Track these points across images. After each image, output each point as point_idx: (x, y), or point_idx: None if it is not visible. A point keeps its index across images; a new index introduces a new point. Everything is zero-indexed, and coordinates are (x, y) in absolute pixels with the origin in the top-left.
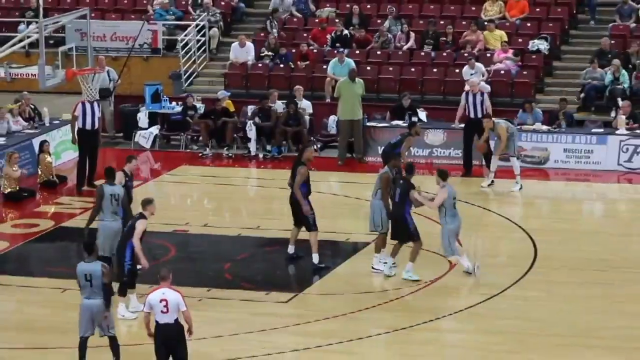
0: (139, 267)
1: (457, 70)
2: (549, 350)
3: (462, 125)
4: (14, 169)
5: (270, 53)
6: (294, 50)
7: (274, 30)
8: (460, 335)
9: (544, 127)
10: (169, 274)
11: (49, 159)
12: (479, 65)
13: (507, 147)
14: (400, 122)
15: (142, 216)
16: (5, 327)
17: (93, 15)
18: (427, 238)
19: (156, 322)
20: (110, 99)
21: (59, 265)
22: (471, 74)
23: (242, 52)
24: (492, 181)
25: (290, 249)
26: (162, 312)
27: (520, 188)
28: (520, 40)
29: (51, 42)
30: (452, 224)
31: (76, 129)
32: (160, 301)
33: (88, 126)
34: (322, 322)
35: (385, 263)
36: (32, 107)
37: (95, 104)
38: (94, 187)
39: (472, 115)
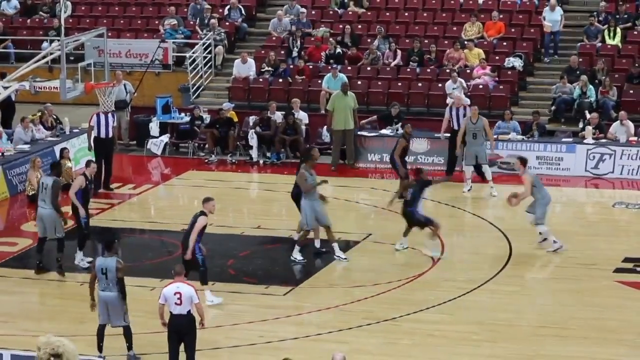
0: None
1: (439, 85)
2: (523, 340)
3: (447, 135)
4: (37, 173)
5: (270, 68)
6: (291, 66)
7: (295, 49)
8: (442, 325)
9: (519, 137)
10: (182, 270)
11: (69, 164)
12: (460, 80)
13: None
14: (388, 132)
15: (202, 213)
16: (28, 317)
17: (110, 34)
18: (412, 235)
19: (170, 312)
20: (127, 109)
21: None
22: (453, 88)
23: (244, 67)
24: (471, 187)
25: (317, 243)
26: (175, 303)
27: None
28: (497, 57)
29: (71, 58)
30: (546, 197)
31: (92, 138)
32: (175, 294)
33: (102, 135)
34: (316, 313)
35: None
36: (55, 117)
37: (109, 115)
38: (111, 190)
39: (455, 127)
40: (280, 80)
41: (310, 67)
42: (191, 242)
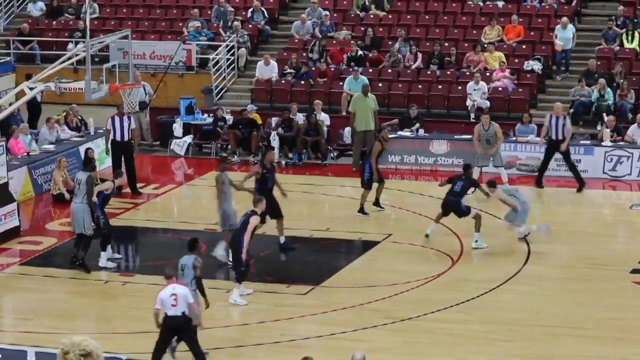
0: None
1: (459, 87)
2: (540, 339)
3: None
4: (62, 173)
5: (292, 71)
6: (313, 68)
7: (316, 54)
8: (460, 325)
9: (537, 139)
10: (173, 272)
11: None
12: (482, 82)
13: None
14: (407, 133)
15: (254, 213)
16: (52, 315)
17: (134, 36)
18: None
19: (165, 314)
20: (146, 110)
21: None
22: (474, 89)
23: (267, 69)
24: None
25: (282, 239)
26: (172, 305)
27: None
28: (516, 60)
29: (96, 59)
30: (525, 204)
31: (109, 141)
32: (171, 295)
33: (118, 138)
34: (336, 312)
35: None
36: (80, 117)
37: (126, 117)
38: (138, 193)
39: (553, 136)
40: (302, 82)
41: (332, 69)
42: (245, 242)
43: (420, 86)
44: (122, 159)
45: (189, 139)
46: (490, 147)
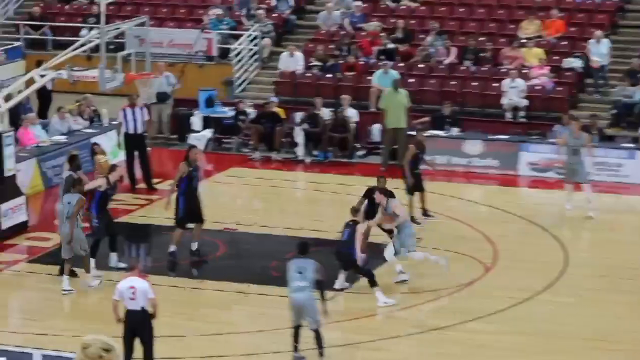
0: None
1: (495, 85)
2: (575, 352)
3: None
4: None
5: (318, 63)
6: (341, 61)
7: (343, 52)
8: (491, 336)
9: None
10: (137, 263)
11: (104, 158)
12: (519, 80)
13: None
14: (440, 132)
15: (356, 222)
16: (61, 316)
17: (151, 23)
18: (460, 241)
19: (125, 309)
20: (169, 102)
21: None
22: (511, 87)
23: (292, 61)
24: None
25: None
26: (130, 298)
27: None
28: (555, 57)
29: (111, 47)
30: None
31: (122, 134)
32: (129, 288)
33: (131, 130)
34: (360, 319)
35: None
36: (93, 108)
37: (138, 109)
38: (154, 189)
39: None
40: (329, 75)
41: (361, 62)
42: (358, 250)
43: (453, 82)
44: (136, 153)
45: (208, 133)
46: (576, 159)
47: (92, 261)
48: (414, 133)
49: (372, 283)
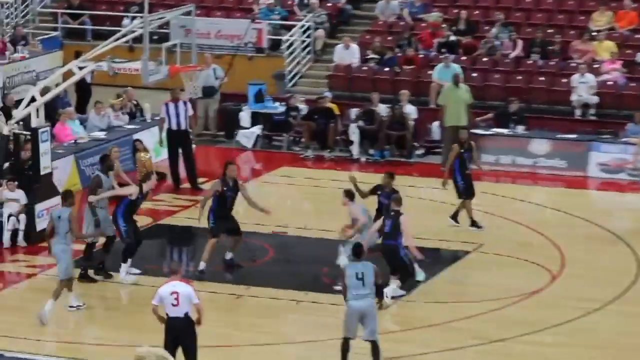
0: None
1: (564, 80)
2: None
3: None
4: (115, 164)
5: (375, 56)
6: (399, 54)
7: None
8: (558, 349)
9: None
10: (179, 268)
11: (147, 156)
12: (589, 75)
13: None
14: (504, 130)
15: (399, 213)
16: (97, 323)
17: (198, 12)
18: (524, 247)
19: (167, 315)
20: (216, 96)
21: (155, 262)
22: (580, 83)
23: (347, 54)
24: None
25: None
26: (172, 304)
27: None
28: (628, 51)
29: (155, 37)
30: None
31: (164, 131)
32: (171, 294)
33: (174, 126)
34: (418, 330)
35: None
36: (135, 102)
37: (181, 103)
38: (199, 189)
39: None
40: (387, 69)
41: (421, 55)
42: (410, 244)
43: (519, 77)
44: (180, 151)
45: (257, 129)
46: None
47: (129, 261)
48: (478, 131)
49: (402, 279)
